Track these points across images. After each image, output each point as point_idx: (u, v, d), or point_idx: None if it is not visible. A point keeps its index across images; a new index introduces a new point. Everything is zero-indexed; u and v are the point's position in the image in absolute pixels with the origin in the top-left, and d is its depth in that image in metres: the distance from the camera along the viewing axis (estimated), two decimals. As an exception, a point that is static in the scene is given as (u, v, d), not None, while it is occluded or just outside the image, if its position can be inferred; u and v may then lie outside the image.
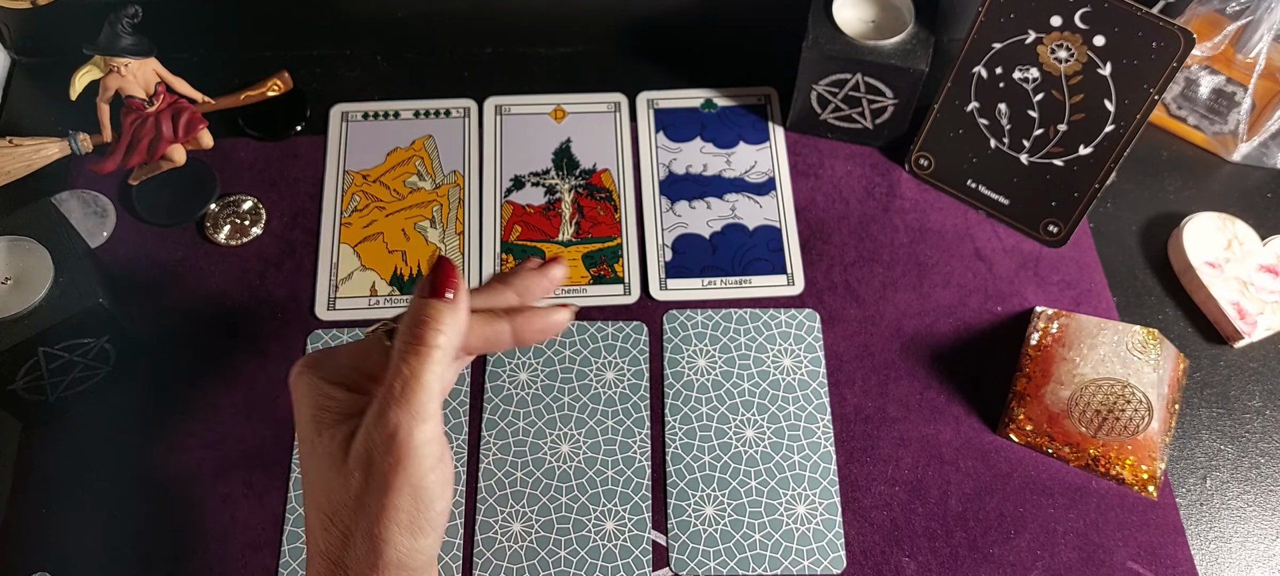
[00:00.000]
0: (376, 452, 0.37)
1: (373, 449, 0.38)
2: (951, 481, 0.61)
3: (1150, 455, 0.59)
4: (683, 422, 0.62)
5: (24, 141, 0.67)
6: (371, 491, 0.38)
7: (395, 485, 0.37)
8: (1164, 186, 0.74)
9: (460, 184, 0.72)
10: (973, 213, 0.72)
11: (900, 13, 0.70)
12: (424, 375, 0.38)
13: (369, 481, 0.38)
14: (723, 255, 0.69)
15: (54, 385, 0.58)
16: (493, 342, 0.43)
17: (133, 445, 0.61)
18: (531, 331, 0.43)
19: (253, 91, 0.74)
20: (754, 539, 0.59)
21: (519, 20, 0.79)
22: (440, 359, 0.39)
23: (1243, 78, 0.70)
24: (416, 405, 0.38)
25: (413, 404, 0.37)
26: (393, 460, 0.37)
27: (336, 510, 0.38)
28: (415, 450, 0.37)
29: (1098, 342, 0.61)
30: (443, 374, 0.39)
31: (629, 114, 0.76)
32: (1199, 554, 0.59)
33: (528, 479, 0.60)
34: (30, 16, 0.73)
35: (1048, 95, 0.65)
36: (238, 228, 0.69)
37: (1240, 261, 0.68)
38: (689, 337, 0.65)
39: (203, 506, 0.59)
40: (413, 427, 0.37)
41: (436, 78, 0.77)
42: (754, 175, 0.73)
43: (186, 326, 0.65)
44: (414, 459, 0.37)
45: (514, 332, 0.43)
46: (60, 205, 0.67)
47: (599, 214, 0.71)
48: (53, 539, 0.57)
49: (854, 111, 0.72)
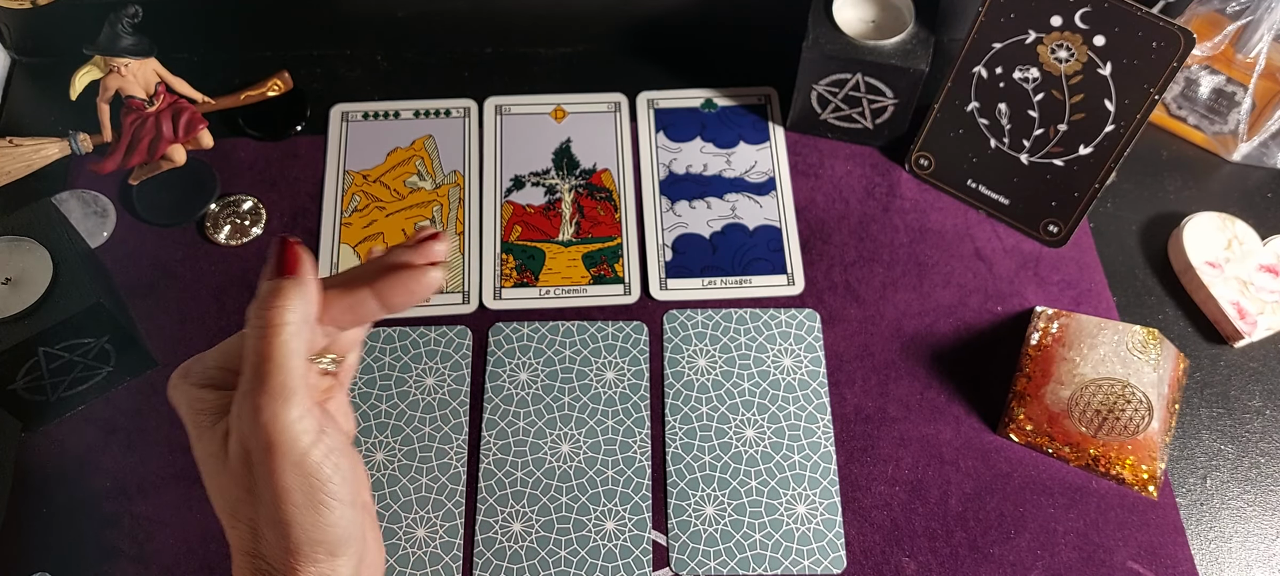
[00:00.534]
0: (249, 442, 0.37)
1: (245, 439, 0.37)
2: (951, 481, 0.61)
3: (1150, 455, 0.59)
4: (683, 422, 0.62)
5: (24, 141, 0.67)
6: (259, 480, 0.37)
7: (277, 468, 0.37)
8: (1164, 186, 0.74)
9: (460, 184, 0.72)
10: (973, 213, 0.72)
11: (900, 13, 0.70)
12: (277, 354, 0.37)
13: (252, 471, 0.37)
14: (723, 255, 0.69)
15: (54, 385, 0.58)
16: (358, 312, 0.42)
17: (132, 445, 0.61)
18: (399, 295, 0.42)
19: (253, 91, 0.74)
20: (754, 539, 0.59)
21: (519, 20, 0.79)
22: (292, 334, 0.38)
23: (1243, 78, 0.70)
24: (275, 386, 0.37)
25: (271, 385, 0.37)
26: (266, 445, 0.37)
27: (236, 506, 0.38)
28: (286, 430, 0.36)
29: (1098, 342, 0.61)
30: (299, 349, 0.38)
31: (629, 114, 0.76)
32: (1199, 554, 0.59)
33: (528, 479, 0.60)
34: (30, 16, 0.73)
35: (1048, 95, 0.65)
36: (238, 228, 0.69)
37: (1240, 261, 0.68)
38: (689, 337, 0.65)
39: (202, 506, 0.59)
40: (277, 409, 0.36)
41: (436, 78, 0.77)
42: (754, 175, 0.73)
43: (186, 326, 0.65)
44: (287, 438, 0.37)
45: (378, 298, 0.42)
46: (60, 205, 0.67)
47: (599, 214, 0.71)
48: (53, 539, 0.57)
49: (854, 111, 0.72)
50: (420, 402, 0.62)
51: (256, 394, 0.37)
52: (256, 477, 0.37)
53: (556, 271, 0.68)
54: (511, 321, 0.66)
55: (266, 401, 0.37)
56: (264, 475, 0.37)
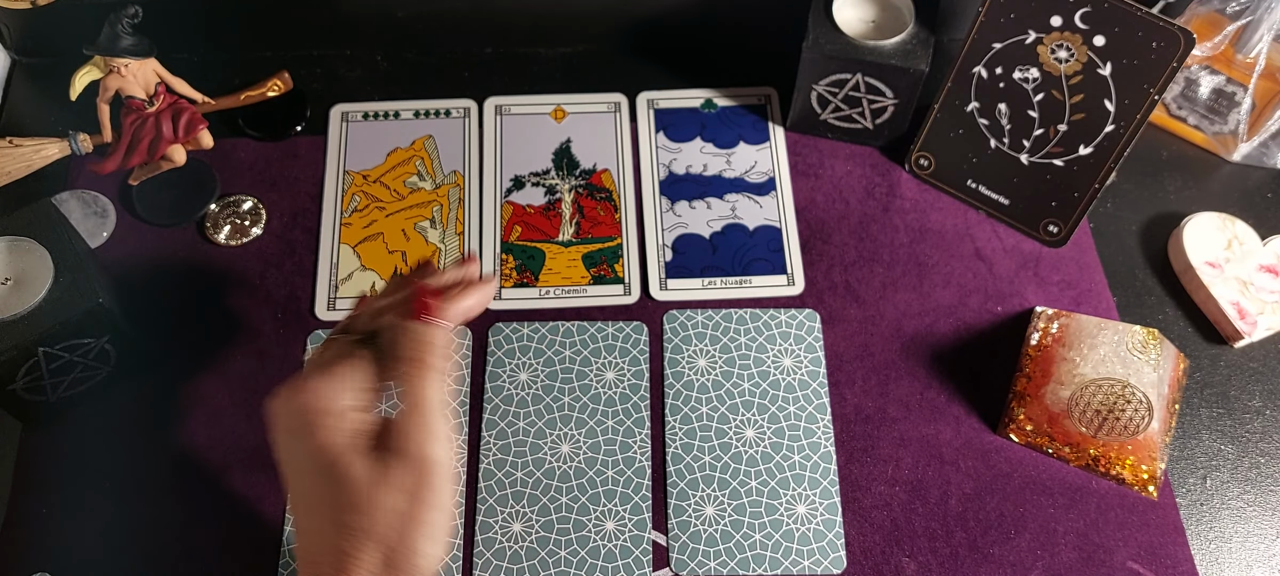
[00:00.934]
0: (409, 474, 0.41)
1: (406, 470, 0.41)
2: (951, 481, 0.61)
3: (1150, 455, 0.59)
4: (683, 423, 0.62)
5: (24, 141, 0.67)
6: (410, 508, 0.41)
7: (429, 502, 0.41)
8: (1164, 186, 0.74)
9: (460, 184, 0.72)
10: (973, 213, 0.72)
11: (900, 13, 0.70)
12: (433, 396, 0.43)
13: (404, 500, 0.41)
14: (723, 255, 0.69)
15: (54, 385, 0.58)
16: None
17: (133, 445, 0.61)
18: (474, 312, 0.49)
19: (253, 91, 0.74)
20: (754, 539, 0.59)
21: (519, 20, 0.79)
22: (443, 377, 0.44)
23: (1243, 78, 0.70)
24: (434, 425, 0.42)
25: (431, 425, 0.42)
26: (423, 478, 0.41)
27: (379, 531, 0.41)
28: (440, 467, 0.42)
29: (1098, 342, 0.61)
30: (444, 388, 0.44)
31: (629, 114, 0.76)
32: (1199, 554, 0.59)
33: (528, 479, 0.60)
34: (30, 16, 0.73)
35: (1048, 95, 0.65)
36: (238, 228, 0.69)
37: (1240, 261, 0.68)
38: (689, 338, 0.65)
39: (203, 506, 0.59)
40: (435, 447, 0.42)
41: (436, 78, 0.77)
42: (754, 175, 0.73)
43: (186, 326, 0.65)
44: (440, 475, 0.42)
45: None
46: (60, 205, 0.67)
47: (599, 214, 0.71)
48: (53, 539, 0.57)
49: (854, 111, 0.72)
50: (420, 403, 0.62)
51: (420, 432, 0.43)
52: (409, 505, 0.41)
53: (556, 272, 0.68)
54: (511, 321, 0.66)
55: (428, 439, 0.42)
56: (416, 505, 0.42)
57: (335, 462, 0.42)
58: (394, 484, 0.41)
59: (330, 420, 0.43)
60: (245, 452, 0.60)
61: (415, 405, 0.43)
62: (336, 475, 0.42)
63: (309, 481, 0.42)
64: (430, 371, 0.43)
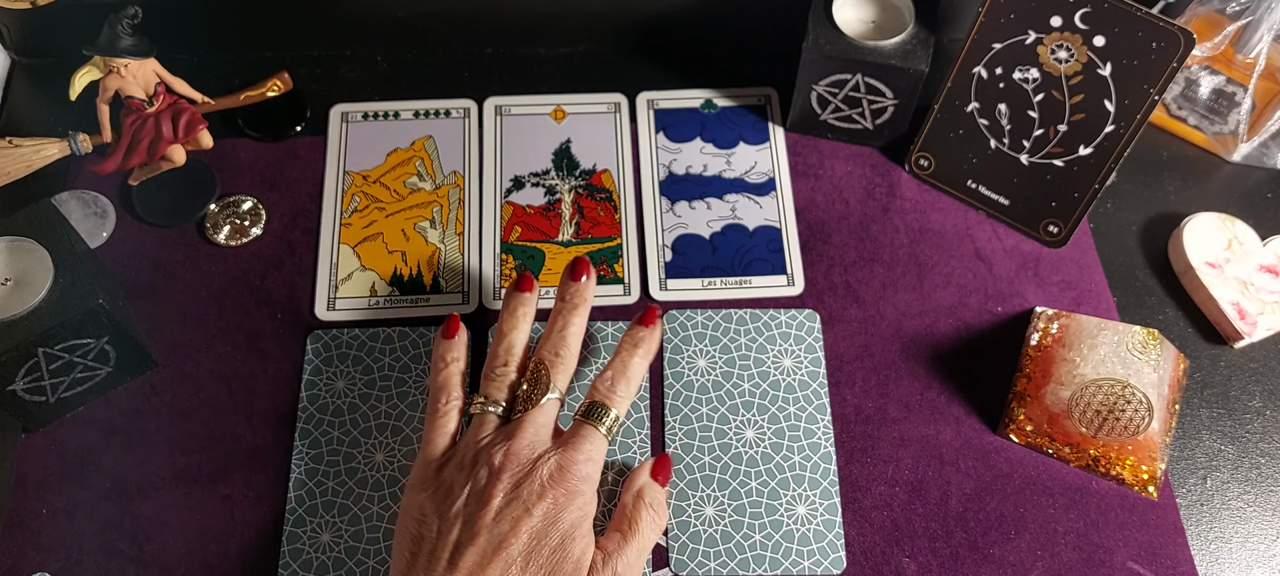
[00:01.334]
0: (630, 508, 0.55)
1: (627, 507, 0.55)
2: (951, 481, 0.61)
3: (1150, 455, 0.59)
4: (683, 423, 0.62)
5: (24, 142, 0.67)
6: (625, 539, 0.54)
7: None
8: (1164, 186, 0.74)
9: (460, 184, 0.72)
10: (973, 213, 0.72)
11: (900, 13, 0.70)
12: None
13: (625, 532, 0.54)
14: (723, 255, 0.69)
15: (54, 386, 0.58)
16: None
17: (133, 445, 0.61)
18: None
19: (253, 92, 0.74)
20: (754, 539, 0.59)
21: (519, 20, 0.79)
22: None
23: (1243, 78, 0.70)
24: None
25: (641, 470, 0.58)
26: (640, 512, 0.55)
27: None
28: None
29: (1098, 343, 0.61)
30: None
31: (629, 114, 0.76)
32: (1199, 554, 0.59)
33: (528, 479, 0.60)
34: (30, 16, 0.73)
35: (1048, 95, 0.65)
36: (238, 228, 0.69)
37: (1240, 261, 0.68)
38: (689, 338, 0.65)
39: (203, 506, 0.59)
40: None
41: (436, 78, 0.77)
42: (754, 175, 0.73)
43: (186, 326, 0.65)
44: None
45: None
46: (60, 205, 0.67)
47: (599, 214, 0.71)
48: (53, 539, 0.57)
49: (854, 112, 0.72)
50: (420, 403, 0.62)
51: (639, 476, 0.58)
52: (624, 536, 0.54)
53: (557, 272, 0.68)
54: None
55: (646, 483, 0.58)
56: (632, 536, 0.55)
57: (575, 507, 0.52)
58: (624, 522, 0.55)
59: (585, 490, 0.53)
60: (245, 452, 0.60)
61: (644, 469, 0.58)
62: (575, 518, 0.51)
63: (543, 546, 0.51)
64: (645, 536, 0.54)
